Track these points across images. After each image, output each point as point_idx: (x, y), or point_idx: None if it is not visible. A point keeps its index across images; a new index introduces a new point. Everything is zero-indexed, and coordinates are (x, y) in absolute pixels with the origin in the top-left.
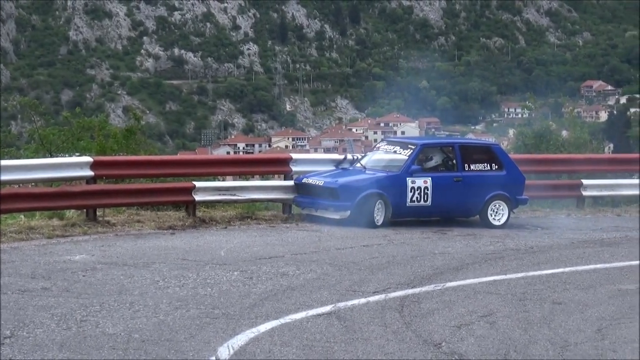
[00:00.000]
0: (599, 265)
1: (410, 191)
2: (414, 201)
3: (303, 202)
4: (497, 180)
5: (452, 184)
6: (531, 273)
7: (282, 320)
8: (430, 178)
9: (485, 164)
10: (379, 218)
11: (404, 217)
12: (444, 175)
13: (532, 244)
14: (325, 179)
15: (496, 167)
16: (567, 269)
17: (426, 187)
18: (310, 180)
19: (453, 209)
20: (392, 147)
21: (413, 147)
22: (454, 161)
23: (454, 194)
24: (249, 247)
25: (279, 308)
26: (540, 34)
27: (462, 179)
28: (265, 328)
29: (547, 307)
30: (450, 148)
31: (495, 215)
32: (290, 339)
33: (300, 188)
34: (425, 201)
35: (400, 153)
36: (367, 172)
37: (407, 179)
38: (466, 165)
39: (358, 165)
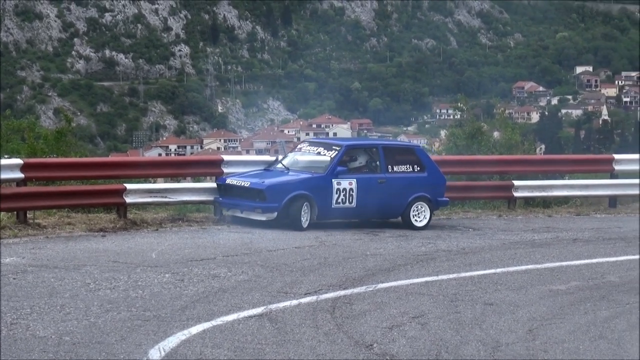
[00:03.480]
0: (530, 266)
1: (336, 193)
2: (340, 203)
3: (226, 203)
4: (420, 182)
5: (376, 185)
6: (463, 274)
7: (213, 322)
8: (355, 179)
9: (408, 166)
10: (305, 220)
11: (329, 219)
12: (368, 176)
13: (463, 245)
14: (251, 180)
15: (418, 168)
16: (498, 270)
17: (351, 189)
18: (235, 182)
19: (377, 211)
20: (316, 148)
21: (337, 148)
22: (378, 163)
23: (378, 195)
24: (180, 249)
25: (211, 310)
26: (472, 35)
27: (385, 181)
28: (197, 330)
29: (479, 308)
30: (374, 149)
31: (417, 217)
32: (221, 340)
33: (223, 189)
34: (350, 203)
35: (324, 154)
36: (290, 173)
37: (333, 180)
38: (389, 166)
39: (279, 165)
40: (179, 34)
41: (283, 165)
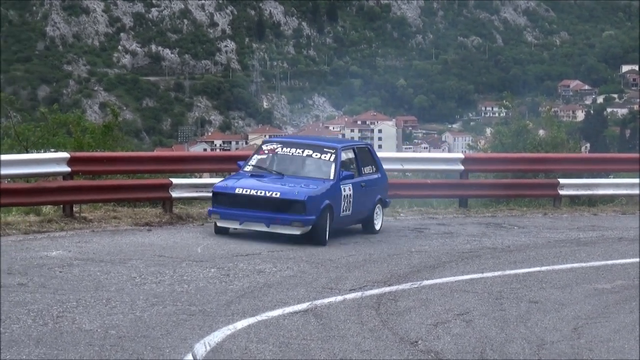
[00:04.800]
0: (575, 265)
1: (343, 200)
2: (344, 210)
3: (237, 215)
4: (378, 183)
5: (360, 189)
6: (508, 272)
7: (258, 318)
8: (351, 184)
9: (370, 167)
10: (328, 232)
11: (335, 228)
12: (356, 181)
13: (508, 242)
14: (280, 189)
15: (374, 169)
16: (543, 268)
17: (350, 195)
18: (251, 191)
19: (359, 217)
20: (300, 150)
21: (332, 150)
22: (354, 165)
23: (361, 199)
24: (225, 244)
25: (256, 305)
26: (518, 33)
27: (365, 185)
28: (242, 325)
29: (524, 305)
30: (351, 150)
31: (376, 220)
32: (266, 336)
33: (226, 199)
34: (348, 210)
35: (317, 157)
36: (288, 178)
37: (341, 186)
38: (361, 168)
39: (248, 168)
40: (225, 29)
41: (263, 168)
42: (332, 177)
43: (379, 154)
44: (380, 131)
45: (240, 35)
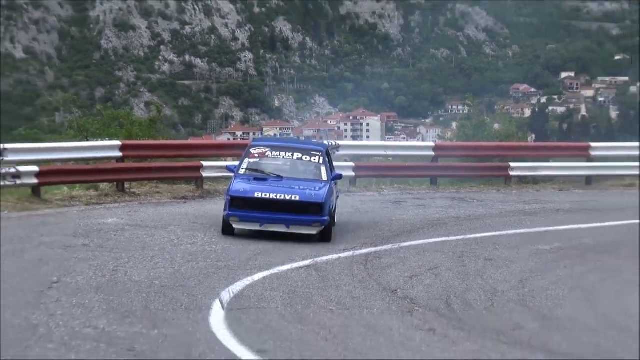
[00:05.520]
0: (522, 230)
1: (334, 199)
2: (333, 209)
3: (259, 218)
4: (337, 182)
5: (333, 190)
6: (469, 236)
7: (271, 271)
8: (334, 184)
9: (332, 165)
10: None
11: None
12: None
13: (469, 213)
14: (297, 192)
15: (331, 168)
16: (496, 233)
17: (335, 194)
18: (271, 195)
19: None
20: (289, 153)
21: (319, 153)
22: (329, 165)
23: (334, 202)
24: None
25: (269, 262)
26: (479, 47)
27: (336, 184)
28: (258, 277)
29: (481, 262)
30: (326, 151)
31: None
32: (278, 285)
33: (246, 203)
34: (334, 209)
35: (306, 159)
36: (287, 180)
37: (333, 188)
38: (331, 167)
39: (242, 171)
40: (244, 43)
41: (260, 171)
42: (326, 179)
43: (367, 143)
44: (367, 125)
45: (256, 47)
